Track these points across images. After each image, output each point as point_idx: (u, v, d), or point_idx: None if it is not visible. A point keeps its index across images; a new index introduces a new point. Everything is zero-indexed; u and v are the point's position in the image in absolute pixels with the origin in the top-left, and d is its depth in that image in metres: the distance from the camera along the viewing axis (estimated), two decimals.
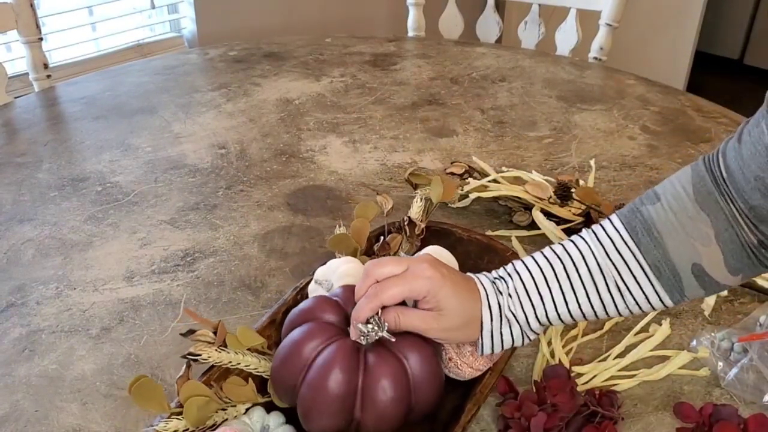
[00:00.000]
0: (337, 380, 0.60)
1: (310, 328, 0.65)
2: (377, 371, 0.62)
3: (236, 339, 0.67)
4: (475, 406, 0.65)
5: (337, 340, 0.63)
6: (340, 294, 0.70)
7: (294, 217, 1.03)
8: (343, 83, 1.48)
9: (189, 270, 0.92)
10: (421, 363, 0.63)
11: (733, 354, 0.76)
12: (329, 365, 0.61)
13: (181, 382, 0.63)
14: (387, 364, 0.62)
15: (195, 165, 1.16)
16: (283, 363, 0.64)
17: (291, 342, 0.64)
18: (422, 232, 0.85)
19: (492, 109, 1.37)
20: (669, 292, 0.65)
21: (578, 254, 0.67)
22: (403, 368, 0.63)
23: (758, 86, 3.85)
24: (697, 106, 1.38)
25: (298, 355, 0.63)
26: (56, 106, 1.39)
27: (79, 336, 0.81)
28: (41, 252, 0.95)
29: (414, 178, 0.96)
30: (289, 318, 0.69)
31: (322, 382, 0.60)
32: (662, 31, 2.85)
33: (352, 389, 0.61)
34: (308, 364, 0.62)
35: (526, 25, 1.78)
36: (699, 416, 0.68)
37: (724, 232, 0.63)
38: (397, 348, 0.64)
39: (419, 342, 0.65)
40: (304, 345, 0.63)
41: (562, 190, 0.99)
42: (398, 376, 0.62)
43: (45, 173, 1.13)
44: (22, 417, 0.71)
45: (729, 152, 0.63)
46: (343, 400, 0.61)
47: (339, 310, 0.67)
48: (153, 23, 2.00)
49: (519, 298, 0.67)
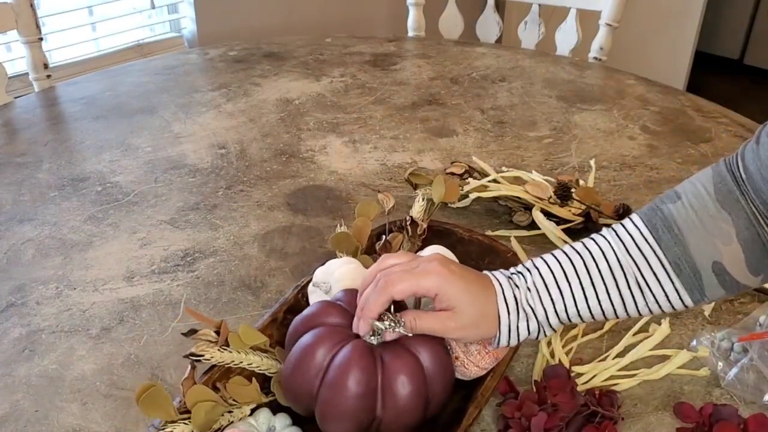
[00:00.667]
0: (357, 380, 0.61)
1: (320, 332, 0.64)
2: (394, 367, 0.62)
3: (238, 338, 0.67)
4: (476, 409, 0.65)
5: (349, 342, 0.63)
6: (342, 298, 0.70)
7: (294, 217, 1.03)
8: (343, 83, 1.48)
9: (189, 270, 0.92)
10: (433, 356, 0.64)
11: (733, 354, 0.76)
12: (348, 366, 0.61)
13: (187, 385, 0.63)
14: (402, 359, 0.63)
15: (195, 165, 1.16)
16: (297, 369, 0.63)
17: (302, 348, 0.64)
18: (424, 232, 0.85)
19: (492, 109, 1.37)
20: (689, 290, 0.65)
21: (598, 250, 0.66)
22: (418, 362, 0.63)
23: (758, 86, 3.85)
24: (697, 106, 1.38)
25: (311, 360, 0.62)
26: (56, 106, 1.39)
27: (79, 336, 0.81)
28: (41, 252, 0.95)
29: (414, 178, 0.96)
30: (293, 326, 0.69)
31: (343, 384, 0.60)
32: (662, 31, 2.86)
33: (372, 388, 0.61)
34: (324, 367, 0.62)
35: (526, 25, 1.78)
36: (699, 416, 0.68)
37: (745, 231, 0.63)
38: (409, 343, 0.64)
39: (428, 336, 0.65)
40: (317, 349, 0.63)
41: (562, 190, 0.99)
42: (415, 371, 0.63)
43: (45, 173, 1.13)
44: (22, 417, 0.71)
45: (747, 154, 0.64)
46: (364, 399, 0.61)
47: (344, 314, 0.67)
48: (153, 23, 2.00)
49: (538, 292, 0.66)
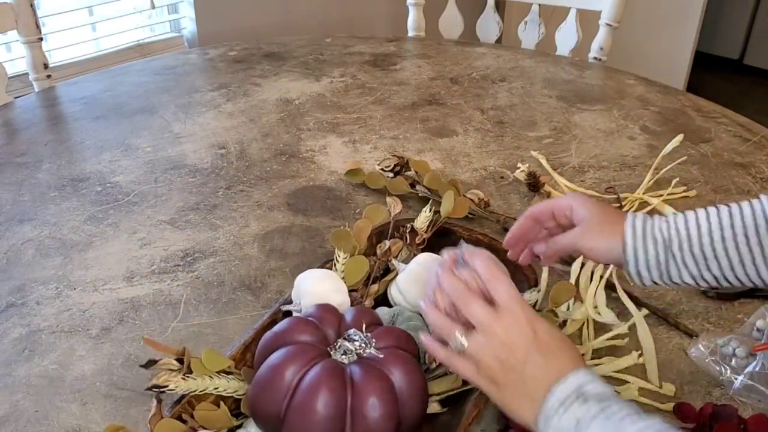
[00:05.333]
0: (326, 402, 0.59)
1: (289, 351, 0.62)
2: (365, 389, 0.60)
3: (201, 363, 0.65)
4: (476, 409, 0.64)
5: (319, 361, 0.62)
6: (314, 313, 0.68)
7: (294, 217, 1.03)
8: (343, 83, 1.48)
9: (189, 270, 0.92)
10: (406, 376, 0.62)
11: (735, 360, 0.75)
12: (316, 387, 0.59)
13: (155, 421, 0.60)
14: (374, 381, 0.61)
15: (195, 165, 1.16)
16: (264, 390, 0.61)
17: (270, 367, 0.62)
18: (423, 241, 0.85)
19: (492, 109, 1.37)
20: None
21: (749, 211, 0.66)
22: (389, 383, 0.62)
23: (758, 86, 3.85)
24: (697, 106, 1.38)
25: (279, 380, 0.60)
26: (56, 106, 1.39)
27: (79, 336, 0.81)
28: (41, 252, 0.95)
29: (349, 176, 1.08)
30: (261, 343, 0.66)
31: (311, 406, 0.59)
32: (662, 31, 2.85)
33: (341, 410, 0.59)
34: (292, 388, 0.60)
35: (526, 25, 1.78)
36: (699, 416, 0.68)
37: None
38: (381, 363, 0.63)
39: (402, 356, 0.64)
40: (285, 369, 0.61)
41: (532, 179, 1.05)
42: (386, 392, 0.61)
43: (45, 173, 1.13)
44: (22, 417, 0.71)
45: None
46: (333, 421, 0.59)
47: (316, 331, 0.65)
48: (153, 23, 2.00)
49: (671, 222, 0.68)
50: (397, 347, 0.65)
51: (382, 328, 0.68)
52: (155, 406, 0.61)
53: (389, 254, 0.82)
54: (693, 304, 0.85)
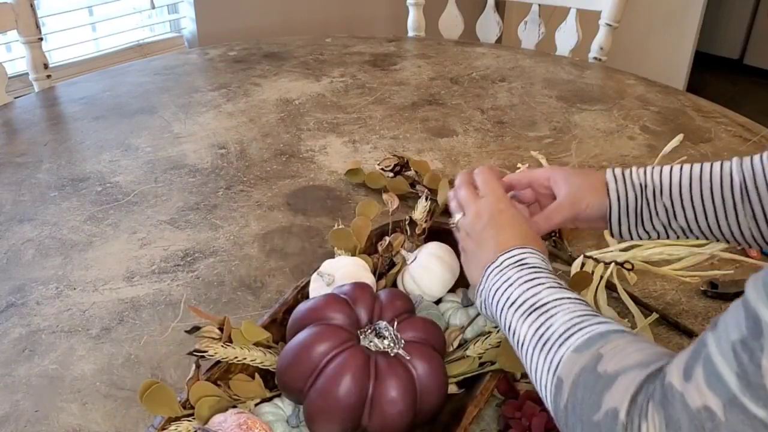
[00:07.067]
0: (348, 391, 0.60)
1: (320, 331, 0.64)
2: (387, 383, 0.61)
3: (241, 334, 0.67)
4: (476, 409, 0.65)
5: (348, 348, 0.63)
6: (349, 292, 0.69)
7: (294, 217, 1.03)
8: (343, 83, 1.48)
9: (189, 270, 0.92)
10: (429, 373, 0.63)
11: None
12: (341, 374, 0.60)
13: (192, 383, 0.62)
14: (397, 375, 0.62)
15: (195, 165, 1.16)
16: (291, 365, 0.63)
17: (299, 344, 0.63)
18: (424, 232, 0.85)
19: (492, 109, 1.37)
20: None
21: None
22: (411, 379, 0.63)
23: (758, 86, 3.85)
24: (697, 106, 1.38)
25: (307, 358, 0.62)
26: (56, 106, 1.39)
27: (79, 336, 0.81)
28: (41, 252, 0.95)
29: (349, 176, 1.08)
30: (295, 315, 0.68)
31: (333, 391, 0.60)
32: (662, 31, 2.86)
33: (362, 399, 0.61)
34: (318, 369, 0.61)
35: (526, 25, 1.78)
36: None
37: None
38: (406, 357, 0.64)
39: (428, 353, 0.65)
40: (314, 348, 0.62)
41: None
42: (407, 388, 0.62)
43: (45, 173, 1.13)
44: (22, 417, 0.71)
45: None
46: (352, 409, 0.60)
47: (348, 311, 0.66)
48: (153, 23, 2.00)
49: (648, 171, 0.73)
50: (424, 341, 0.66)
51: (411, 319, 0.68)
52: (194, 370, 0.63)
53: (391, 249, 0.82)
54: (693, 304, 0.85)
